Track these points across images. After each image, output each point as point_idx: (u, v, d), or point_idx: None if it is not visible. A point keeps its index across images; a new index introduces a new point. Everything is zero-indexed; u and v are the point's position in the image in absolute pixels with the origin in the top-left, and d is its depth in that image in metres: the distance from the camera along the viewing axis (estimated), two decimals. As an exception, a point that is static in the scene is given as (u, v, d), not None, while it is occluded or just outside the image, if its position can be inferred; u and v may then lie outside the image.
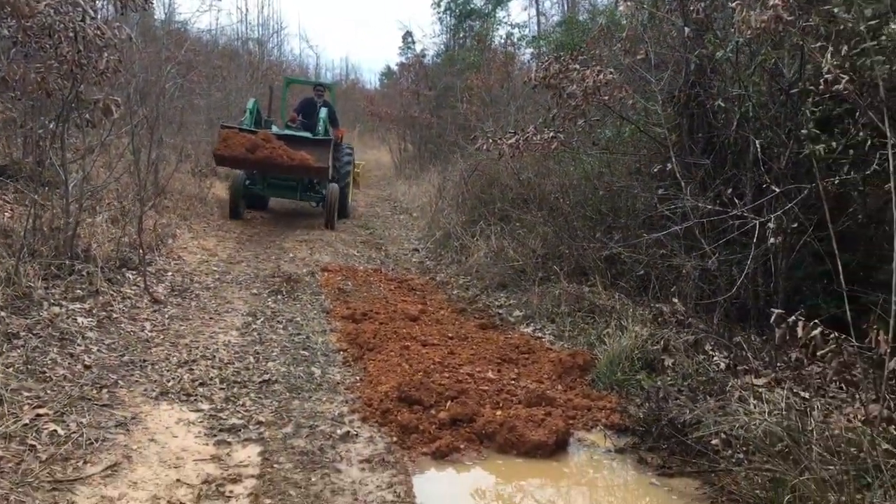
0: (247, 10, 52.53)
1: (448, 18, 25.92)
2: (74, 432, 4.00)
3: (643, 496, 4.07)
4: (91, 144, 8.14)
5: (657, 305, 5.75)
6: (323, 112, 12.73)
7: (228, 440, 4.24)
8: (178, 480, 3.72)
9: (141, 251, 7.30)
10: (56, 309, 5.71)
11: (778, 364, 5.18)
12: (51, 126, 7.16)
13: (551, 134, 6.78)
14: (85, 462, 3.74)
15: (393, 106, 24.01)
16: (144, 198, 7.79)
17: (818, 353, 3.40)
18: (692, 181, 6.02)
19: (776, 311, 3.45)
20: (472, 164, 11.85)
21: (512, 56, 18.24)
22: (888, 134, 3.91)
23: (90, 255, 6.91)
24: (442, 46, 26.93)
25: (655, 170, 6.09)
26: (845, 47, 3.93)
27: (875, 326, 3.44)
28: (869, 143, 4.72)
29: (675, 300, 5.58)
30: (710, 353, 5.45)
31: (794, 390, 4.74)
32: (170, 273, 7.88)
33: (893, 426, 4.07)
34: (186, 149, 13.82)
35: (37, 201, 6.57)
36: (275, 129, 12.40)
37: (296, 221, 12.88)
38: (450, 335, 6.58)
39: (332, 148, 11.82)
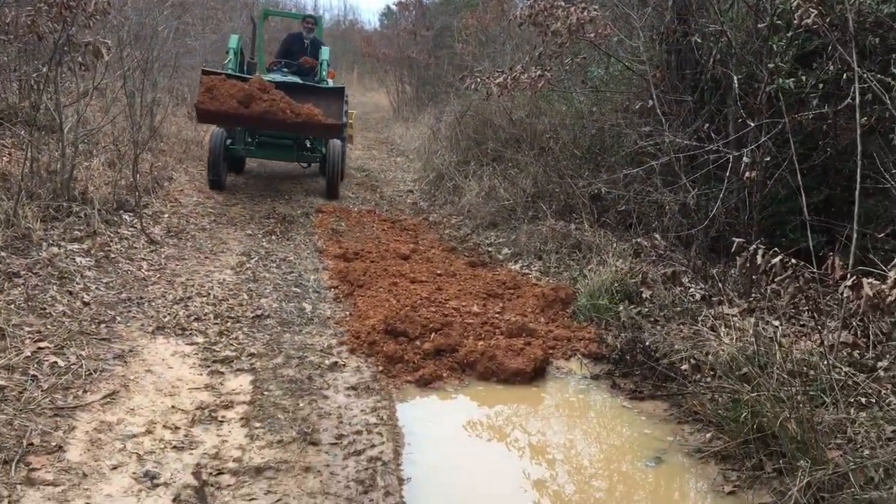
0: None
1: (445, -45, 25.41)
2: (74, 364, 4.20)
3: (615, 418, 4.30)
4: (86, 88, 8.22)
5: (637, 240, 5.93)
6: (325, 52, 10.90)
7: (221, 370, 4.46)
8: (173, 407, 3.94)
9: (137, 193, 7.45)
10: (55, 249, 5.89)
11: (752, 295, 5.37)
12: (44, 70, 7.23)
13: (539, 72, 6.83)
14: (84, 391, 3.95)
15: (391, 47, 23.78)
16: (140, 141, 7.89)
17: (776, 280, 3.57)
18: (675, 118, 6.11)
19: (736, 240, 3.60)
20: (466, 104, 11.87)
21: (508, -7, 18.00)
22: (855, 68, 4.01)
23: (87, 197, 7.05)
24: (440, -16, 26.50)
25: (637, 107, 6.18)
26: (814, -18, 3.99)
27: (831, 254, 3.60)
28: (843, 77, 4.82)
29: (656, 234, 5.76)
30: (688, 284, 5.63)
31: (766, 319, 4.94)
32: (166, 215, 8.04)
33: (854, 350, 4.29)
34: (182, 92, 13.84)
35: (33, 144, 6.69)
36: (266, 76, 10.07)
37: (291, 166, 12.95)
38: (439, 272, 6.76)
39: (343, 99, 9.78)
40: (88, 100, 7.87)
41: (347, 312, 5.65)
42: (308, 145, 10.54)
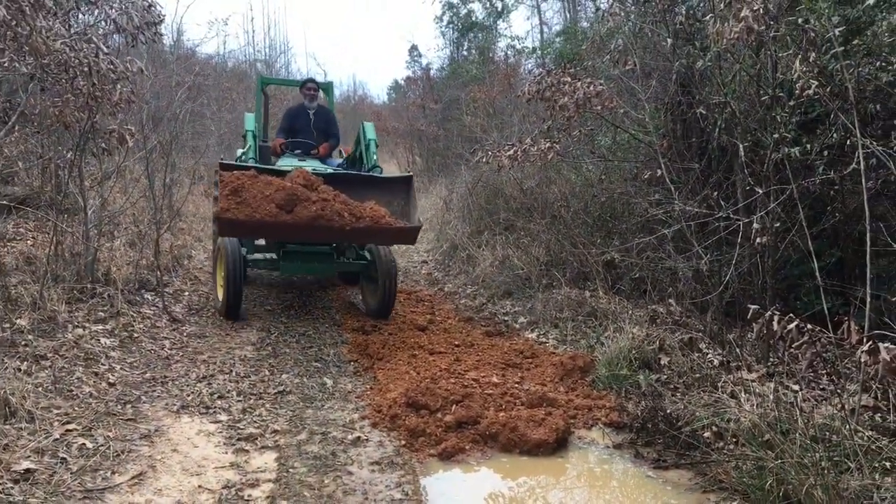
0: (253, 31, 53.11)
1: (451, 32, 26.23)
2: (102, 445, 4.26)
3: (639, 488, 4.28)
4: (107, 171, 8.48)
5: (653, 307, 5.99)
6: (369, 129, 8.40)
7: (246, 448, 4.50)
8: (199, 486, 3.97)
9: (158, 273, 7.61)
10: (80, 331, 6.01)
11: (770, 360, 5.40)
12: (68, 156, 7.50)
13: (548, 144, 7.02)
14: (113, 472, 4.00)
15: (401, 120, 24.31)
16: (160, 221, 8.09)
17: (793, 345, 3.62)
18: (683, 186, 6.25)
19: (751, 306, 3.67)
20: (477, 175, 12.10)
21: (514, 67, 18.51)
22: (857, 135, 4.14)
23: (110, 278, 7.21)
24: (446, 59, 27.24)
25: (646, 176, 6.33)
26: (813, 54, 4.15)
27: (846, 318, 3.65)
28: (847, 143, 4.95)
29: (671, 301, 5.82)
30: (705, 350, 5.66)
31: (785, 384, 4.96)
32: (186, 293, 8.18)
33: (876, 414, 4.29)
34: (199, 171, 14.16)
35: (57, 228, 6.88)
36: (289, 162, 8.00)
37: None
38: (456, 343, 6.82)
39: (413, 191, 7.34)
40: (112, 184, 8.09)
41: (368, 386, 5.70)
42: (351, 251, 8.28)
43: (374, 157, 8.10)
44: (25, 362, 5.15)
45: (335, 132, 9.05)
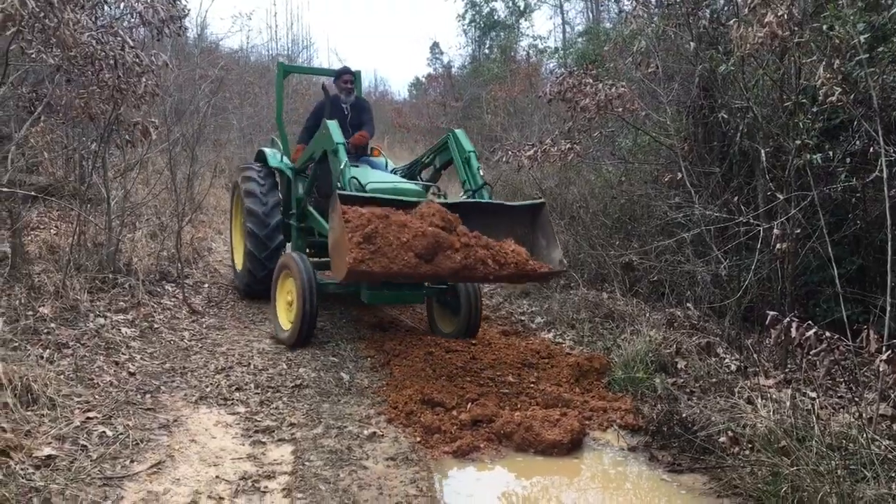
0: (276, 26, 53.30)
1: (473, 30, 26.24)
2: (121, 434, 4.32)
3: (653, 491, 4.29)
4: (130, 163, 8.58)
5: (671, 310, 5.99)
6: (464, 139, 6.72)
7: (263, 440, 4.55)
8: (217, 477, 4.02)
9: (179, 264, 7.69)
10: (101, 320, 6.09)
11: (788, 366, 5.38)
12: (93, 147, 7.59)
13: (568, 145, 7.02)
14: (132, 461, 4.05)
15: (421, 117, 24.39)
16: (182, 213, 8.17)
17: (811, 353, 3.61)
18: (704, 189, 6.23)
19: (770, 312, 3.66)
20: (496, 174, 12.10)
21: (535, 67, 18.50)
22: (881, 142, 4.12)
23: (132, 268, 7.30)
24: (468, 58, 27.26)
25: (666, 179, 6.31)
26: (837, 61, 4.13)
27: (865, 326, 3.64)
28: (870, 151, 4.92)
29: (689, 305, 5.81)
30: (722, 355, 5.65)
31: (802, 391, 4.94)
32: (206, 285, 8.25)
33: (893, 423, 4.27)
34: (220, 164, 14.27)
35: (81, 218, 6.97)
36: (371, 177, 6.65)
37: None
38: (473, 341, 6.84)
39: (550, 222, 6.09)
40: (135, 175, 8.18)
41: (384, 382, 5.74)
42: None
43: (480, 174, 6.40)
44: (48, 350, 5.23)
45: (371, 126, 7.95)
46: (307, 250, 7.78)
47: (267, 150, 8.34)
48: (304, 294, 6.14)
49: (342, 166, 6.03)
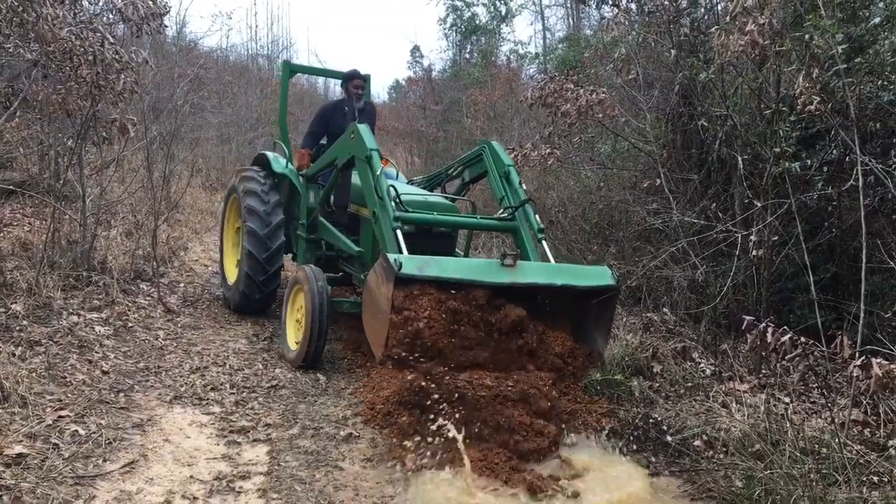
0: (256, 26, 53.02)
1: (454, 34, 26.30)
2: (94, 433, 4.26)
3: (629, 493, 4.30)
4: (106, 160, 8.48)
5: (648, 315, 6.03)
6: (502, 151, 6.13)
7: (238, 440, 4.51)
8: (191, 477, 3.98)
9: (155, 263, 7.61)
10: (75, 318, 6.01)
11: (762, 371, 5.43)
12: (69, 143, 7.50)
13: (548, 150, 7.05)
14: (104, 460, 4.00)
15: (400, 119, 24.35)
16: (158, 212, 8.09)
17: (786, 357, 3.65)
18: (682, 196, 6.29)
19: (746, 318, 3.70)
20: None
21: (516, 72, 18.57)
22: (857, 152, 4.18)
23: (106, 266, 7.21)
24: (449, 61, 27.31)
25: (644, 185, 6.36)
26: (816, 70, 4.19)
27: (839, 332, 3.69)
28: (846, 160, 5.00)
29: (665, 310, 5.86)
30: (698, 360, 5.69)
31: (777, 396, 5.00)
32: (182, 285, 8.17)
33: (865, 429, 4.33)
34: (198, 164, 14.16)
35: (55, 215, 6.88)
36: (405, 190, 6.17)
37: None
38: (450, 344, 6.81)
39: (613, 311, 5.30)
40: (112, 173, 8.09)
41: (361, 383, 5.71)
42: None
43: (523, 188, 5.83)
44: (19, 347, 5.16)
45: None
46: (315, 263, 7.03)
47: (269, 155, 7.79)
48: (313, 312, 5.71)
49: (377, 175, 5.51)
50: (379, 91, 47.05)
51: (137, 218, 8.91)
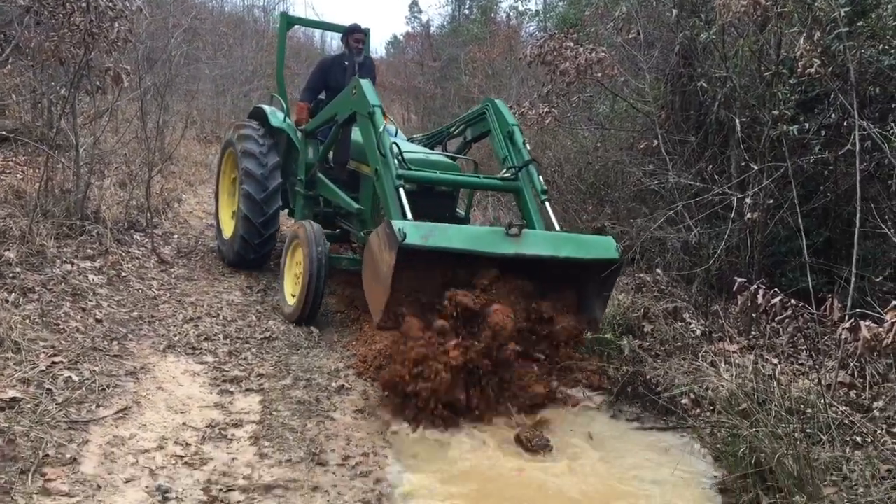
0: (253, -24, 52.10)
1: (454, -10, 25.93)
2: (87, 379, 4.29)
3: (617, 443, 4.36)
4: (100, 110, 8.39)
5: (640, 275, 6.05)
6: (505, 110, 6.07)
7: (231, 390, 4.55)
8: (184, 424, 4.02)
9: (149, 214, 7.58)
10: (68, 266, 6.00)
11: (752, 333, 5.48)
12: (62, 92, 7.41)
13: (546, 109, 7.00)
14: (98, 406, 4.03)
15: (398, 76, 24.11)
16: (152, 163, 8.02)
17: (776, 319, 3.68)
18: (679, 158, 6.27)
19: (738, 279, 3.72)
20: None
21: (515, 29, 18.36)
22: (855, 116, 4.17)
23: (100, 216, 7.18)
24: (447, 17, 26.97)
25: (641, 146, 6.34)
26: (818, 33, 4.16)
27: (830, 295, 3.72)
28: (844, 124, 4.99)
29: (658, 271, 5.88)
30: (689, 320, 5.73)
31: (765, 357, 5.04)
32: (176, 236, 8.16)
33: (851, 390, 4.39)
34: (192, 115, 14.03)
35: (48, 163, 6.82)
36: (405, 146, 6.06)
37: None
38: (444, 301, 6.84)
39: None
40: (105, 123, 8.00)
41: (354, 336, 5.75)
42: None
43: (527, 149, 5.81)
44: (13, 294, 5.15)
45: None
46: (313, 220, 6.82)
47: (266, 108, 7.63)
48: (311, 268, 5.68)
49: (380, 132, 5.41)
50: (377, 47, 46.39)
51: (131, 168, 8.86)
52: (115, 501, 3.20)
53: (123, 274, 6.35)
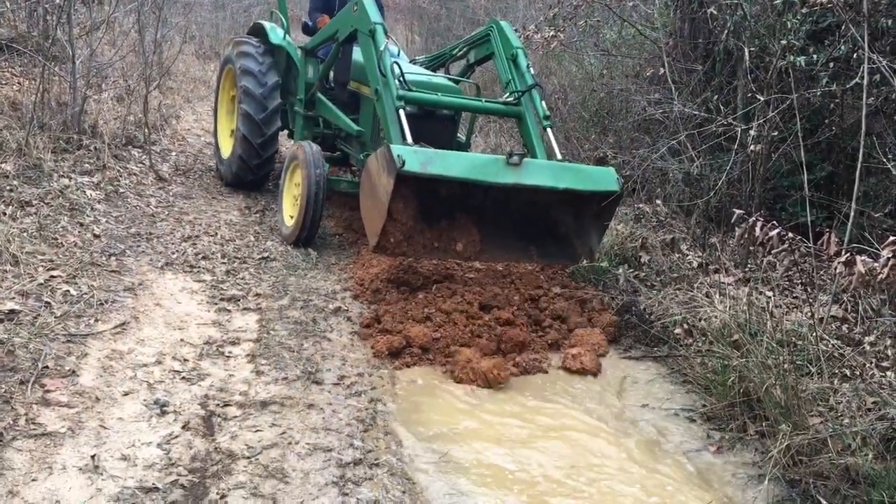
0: None
1: None
2: (86, 293, 4.32)
3: (605, 372, 4.43)
4: (96, 21, 8.20)
5: (640, 206, 6.03)
6: (510, 32, 5.94)
7: (228, 308, 4.59)
8: (182, 340, 4.07)
9: (146, 130, 7.50)
10: (65, 181, 5.97)
11: (748, 265, 5.50)
12: (57, 1, 7.22)
13: (552, 33, 6.85)
14: (96, 320, 4.07)
15: (402, -5, 23.51)
16: (149, 77, 7.88)
17: (773, 252, 3.69)
18: (685, 87, 6.17)
19: (737, 211, 3.71)
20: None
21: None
22: (865, 48, 4.07)
23: (97, 131, 7.10)
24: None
25: (648, 74, 6.23)
26: (834, -41, 4.03)
27: (828, 230, 3.71)
28: (854, 57, 4.88)
29: (658, 202, 5.86)
30: (686, 252, 5.74)
31: (760, 289, 5.07)
32: (174, 153, 8.10)
33: (843, 325, 4.43)
34: (191, 30, 13.73)
35: (45, 75, 6.71)
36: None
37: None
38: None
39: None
40: (102, 34, 7.83)
41: (352, 260, 5.77)
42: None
43: (531, 73, 5.67)
44: (10, 207, 5.14)
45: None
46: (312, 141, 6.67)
47: (266, 25, 7.36)
48: (309, 190, 5.62)
49: (381, 51, 5.25)
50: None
51: (128, 83, 8.71)
52: (114, 413, 3.26)
53: (121, 190, 6.33)
